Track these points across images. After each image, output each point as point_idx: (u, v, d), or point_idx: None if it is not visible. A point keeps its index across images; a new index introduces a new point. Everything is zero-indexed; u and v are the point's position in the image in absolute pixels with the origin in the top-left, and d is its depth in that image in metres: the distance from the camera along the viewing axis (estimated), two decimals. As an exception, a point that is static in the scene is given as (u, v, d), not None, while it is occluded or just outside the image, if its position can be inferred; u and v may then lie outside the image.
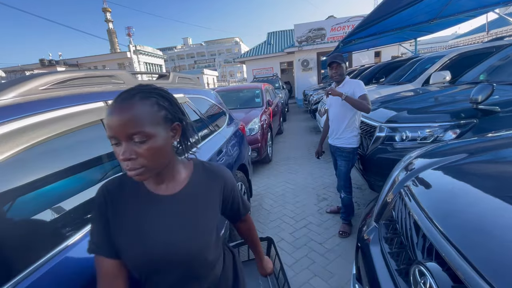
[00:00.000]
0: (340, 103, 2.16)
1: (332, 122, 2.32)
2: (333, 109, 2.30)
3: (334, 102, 2.25)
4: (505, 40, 4.04)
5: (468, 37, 17.15)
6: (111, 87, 1.25)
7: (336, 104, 2.24)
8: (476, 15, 7.20)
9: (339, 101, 2.15)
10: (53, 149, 0.87)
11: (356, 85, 2.09)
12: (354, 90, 2.05)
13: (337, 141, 2.28)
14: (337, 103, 2.21)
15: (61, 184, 0.87)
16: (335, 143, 2.30)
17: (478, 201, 0.73)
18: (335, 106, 2.25)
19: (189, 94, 2.02)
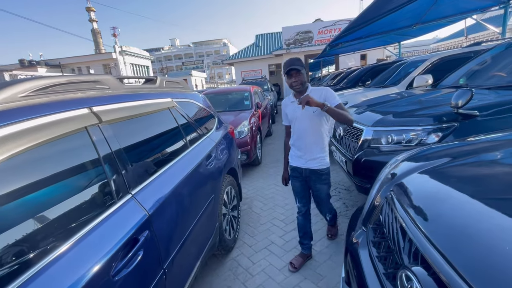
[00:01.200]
0: (311, 116, 1.76)
1: (301, 140, 1.85)
2: (301, 124, 1.82)
3: (302, 115, 1.78)
4: (483, 45, 4.23)
5: (448, 41, 17.91)
6: (95, 93, 1.22)
7: (304, 117, 1.79)
8: (455, 20, 7.53)
9: (310, 114, 1.75)
10: (34, 159, 0.83)
11: (326, 93, 1.76)
12: (327, 99, 1.72)
13: (312, 164, 1.85)
14: (306, 116, 1.77)
15: (43, 195, 0.83)
16: (310, 166, 1.86)
17: (462, 205, 0.75)
18: (304, 119, 1.79)
19: (177, 98, 1.99)
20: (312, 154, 1.84)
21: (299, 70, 1.71)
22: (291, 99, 1.88)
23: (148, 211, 1.14)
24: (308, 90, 1.81)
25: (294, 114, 1.84)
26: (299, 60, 1.75)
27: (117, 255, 0.91)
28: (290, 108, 1.88)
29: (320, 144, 1.83)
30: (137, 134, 1.41)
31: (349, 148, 2.48)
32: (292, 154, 1.97)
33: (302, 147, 1.86)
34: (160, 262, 1.15)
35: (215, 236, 1.96)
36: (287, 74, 1.74)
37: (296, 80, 1.74)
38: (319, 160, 1.85)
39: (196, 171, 1.71)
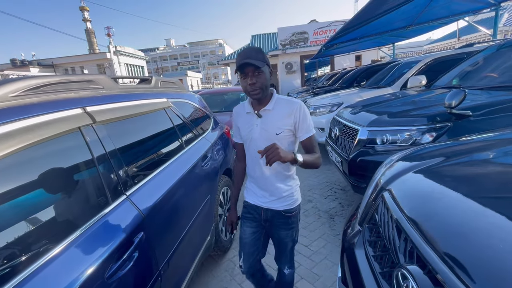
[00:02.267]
0: (273, 140, 1.15)
1: (259, 171, 1.27)
2: (259, 147, 1.15)
3: (261, 137, 1.21)
4: (475, 46, 4.31)
5: (441, 43, 18.19)
6: (89, 93, 1.20)
7: (264, 141, 1.19)
8: (448, 22, 7.66)
9: (271, 136, 1.19)
10: (25, 160, 0.81)
11: (299, 113, 1.18)
12: (298, 123, 1.19)
13: (277, 204, 1.29)
14: (266, 138, 1.19)
15: (36, 196, 0.82)
16: (274, 207, 1.29)
17: (456, 203, 0.76)
18: (264, 144, 1.12)
19: (172, 98, 1.98)
20: (276, 190, 1.27)
21: (258, 68, 1.09)
22: (246, 107, 1.27)
23: (143, 212, 1.13)
24: (272, 100, 1.21)
25: (249, 133, 1.25)
26: (259, 52, 1.14)
27: (112, 257, 0.90)
28: (243, 121, 1.28)
29: (287, 172, 1.27)
30: (132, 134, 1.39)
31: (344, 148, 2.49)
32: (249, 187, 1.38)
33: (261, 181, 1.28)
34: (156, 263, 1.14)
35: (211, 237, 1.95)
36: (240, 71, 1.12)
37: (254, 83, 1.11)
38: (287, 198, 1.28)
39: (191, 172, 1.70)
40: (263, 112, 1.22)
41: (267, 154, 1.03)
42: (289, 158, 1.08)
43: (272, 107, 1.21)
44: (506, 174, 0.87)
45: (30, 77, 0.97)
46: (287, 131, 1.20)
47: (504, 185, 0.80)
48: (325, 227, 2.57)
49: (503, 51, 2.90)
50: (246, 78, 1.13)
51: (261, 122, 1.22)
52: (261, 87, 1.14)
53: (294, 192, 1.32)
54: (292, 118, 1.19)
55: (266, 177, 1.27)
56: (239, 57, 1.12)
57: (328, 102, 4.75)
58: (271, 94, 1.24)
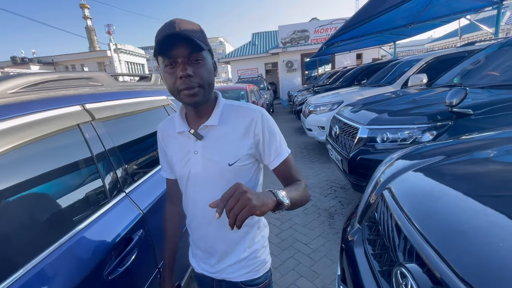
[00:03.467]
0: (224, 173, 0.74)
1: (203, 225, 0.80)
2: (201, 192, 0.77)
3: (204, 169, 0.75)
4: (476, 45, 4.28)
5: (443, 41, 18.12)
6: (88, 90, 1.20)
7: (211, 176, 0.75)
8: (449, 20, 7.62)
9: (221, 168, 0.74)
10: (24, 158, 0.81)
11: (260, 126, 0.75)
12: (263, 145, 0.76)
13: (232, 272, 0.82)
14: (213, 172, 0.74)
15: (35, 193, 0.81)
16: (228, 277, 0.83)
17: (456, 202, 0.76)
18: (209, 182, 0.75)
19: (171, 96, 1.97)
20: (230, 251, 0.81)
21: (197, 50, 0.66)
22: (176, 124, 0.79)
23: (142, 209, 1.13)
24: (217, 109, 0.76)
25: (184, 166, 0.78)
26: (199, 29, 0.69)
27: (111, 254, 0.90)
28: (174, 146, 0.81)
29: (249, 224, 0.82)
30: (131, 132, 1.39)
31: (344, 147, 2.49)
32: (191, 246, 0.93)
33: (205, 238, 0.82)
34: (155, 261, 1.14)
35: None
36: (164, 55, 0.66)
37: (190, 75, 0.65)
38: (248, 262, 0.82)
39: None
40: (204, 130, 0.75)
41: (230, 207, 0.53)
42: (269, 205, 0.58)
43: (217, 121, 0.74)
44: (507, 172, 0.87)
45: (29, 74, 0.97)
46: (247, 158, 0.75)
47: (504, 184, 0.80)
48: (324, 225, 2.57)
49: (504, 49, 2.89)
50: (175, 68, 0.66)
51: (202, 147, 0.75)
52: (201, 84, 0.68)
53: (259, 251, 0.83)
54: (252, 136, 0.74)
55: (213, 232, 0.79)
56: (162, 29, 0.65)
57: (329, 101, 4.74)
58: (215, 100, 0.78)
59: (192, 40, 0.62)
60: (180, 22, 0.65)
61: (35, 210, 0.80)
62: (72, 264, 0.78)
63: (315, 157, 4.84)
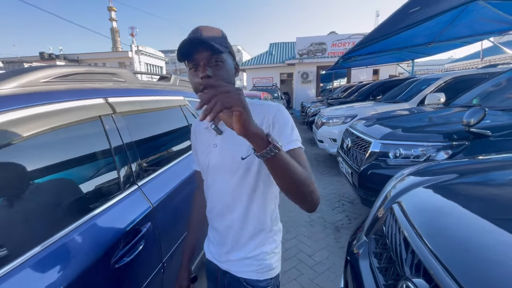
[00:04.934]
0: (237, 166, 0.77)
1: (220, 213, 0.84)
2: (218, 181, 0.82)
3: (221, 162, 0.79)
4: (498, 67, 4.19)
5: (463, 62, 17.74)
6: (111, 85, 1.26)
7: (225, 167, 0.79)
8: (471, 41, 7.47)
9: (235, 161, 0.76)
10: (49, 143, 0.86)
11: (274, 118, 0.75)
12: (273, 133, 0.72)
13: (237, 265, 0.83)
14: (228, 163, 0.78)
15: (53, 177, 0.86)
16: (232, 270, 0.84)
17: (466, 220, 0.74)
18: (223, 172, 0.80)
19: (189, 97, 2.03)
20: (241, 244, 0.82)
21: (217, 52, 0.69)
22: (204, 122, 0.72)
23: (152, 203, 1.15)
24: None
25: (205, 158, 0.84)
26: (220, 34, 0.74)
27: (119, 243, 0.92)
28: (201, 140, 0.88)
29: (261, 222, 0.82)
30: (148, 128, 1.44)
31: (356, 160, 2.46)
32: (208, 232, 0.95)
33: (221, 227, 0.85)
34: (160, 255, 1.16)
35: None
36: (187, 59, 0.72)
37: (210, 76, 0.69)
38: (255, 260, 0.82)
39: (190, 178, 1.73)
40: (223, 125, 0.75)
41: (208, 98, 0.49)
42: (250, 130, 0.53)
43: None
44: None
45: (60, 65, 1.04)
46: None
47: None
48: (330, 238, 2.53)
49: (528, 73, 2.81)
50: (197, 71, 0.70)
51: (221, 140, 0.79)
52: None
53: (267, 254, 0.82)
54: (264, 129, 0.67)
55: (228, 224, 0.81)
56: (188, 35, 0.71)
57: (342, 114, 4.72)
58: None
59: (212, 44, 0.67)
60: (203, 29, 0.72)
61: (52, 193, 0.84)
62: (83, 248, 0.81)
63: (325, 169, 4.80)
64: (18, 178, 0.76)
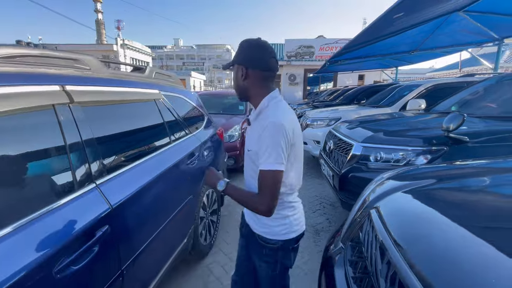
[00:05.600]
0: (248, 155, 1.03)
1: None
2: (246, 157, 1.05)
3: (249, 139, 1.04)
4: (476, 77, 4.35)
5: (443, 72, 18.54)
6: (72, 72, 1.14)
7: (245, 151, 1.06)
8: (451, 52, 7.81)
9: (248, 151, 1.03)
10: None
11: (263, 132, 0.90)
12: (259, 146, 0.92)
13: (252, 222, 1.07)
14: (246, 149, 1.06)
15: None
16: (250, 224, 1.09)
17: (445, 229, 0.70)
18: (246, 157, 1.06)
19: (166, 91, 1.92)
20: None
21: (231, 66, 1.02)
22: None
23: (112, 204, 1.04)
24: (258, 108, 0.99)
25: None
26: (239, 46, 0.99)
27: (65, 249, 0.81)
28: None
29: None
30: (114, 121, 1.32)
31: (337, 162, 2.43)
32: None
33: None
34: (119, 261, 1.05)
35: (189, 239, 1.85)
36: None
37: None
38: (263, 223, 1.02)
39: (174, 169, 1.62)
40: (251, 120, 1.03)
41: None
42: (212, 185, 1.05)
43: (254, 117, 1.00)
44: (497, 202, 0.81)
45: (6, 45, 0.91)
46: (255, 152, 0.96)
47: (496, 213, 0.74)
48: (309, 241, 2.48)
49: (502, 83, 2.91)
50: None
51: (247, 131, 1.03)
52: (235, 88, 1.05)
53: (272, 224, 1.00)
54: (259, 136, 0.92)
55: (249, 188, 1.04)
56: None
57: (327, 116, 4.73)
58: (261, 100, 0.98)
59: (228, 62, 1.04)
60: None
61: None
62: (16, 254, 0.70)
63: (307, 171, 4.78)
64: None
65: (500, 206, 0.81)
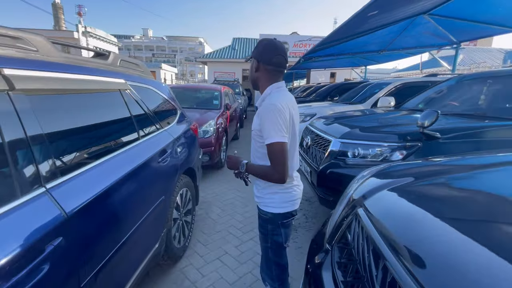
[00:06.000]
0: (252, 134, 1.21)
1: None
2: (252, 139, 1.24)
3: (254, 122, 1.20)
4: (438, 77, 4.65)
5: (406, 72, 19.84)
6: (13, 53, 0.94)
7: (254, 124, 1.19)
8: (415, 53, 8.35)
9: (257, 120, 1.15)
10: None
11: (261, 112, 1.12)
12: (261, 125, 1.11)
13: (255, 191, 1.29)
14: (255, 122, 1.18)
15: None
16: (254, 192, 1.30)
17: (442, 232, 0.66)
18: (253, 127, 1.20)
19: (133, 81, 1.73)
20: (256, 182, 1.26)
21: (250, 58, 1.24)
22: None
23: (67, 212, 0.88)
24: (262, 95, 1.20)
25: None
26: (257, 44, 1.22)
27: (2, 273, 0.65)
28: None
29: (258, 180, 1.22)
30: (69, 114, 1.13)
31: (315, 159, 2.42)
32: None
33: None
34: (77, 279, 0.89)
35: (161, 244, 1.70)
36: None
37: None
38: (259, 195, 1.25)
39: (143, 168, 1.46)
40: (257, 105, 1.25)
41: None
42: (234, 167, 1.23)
43: (259, 103, 1.20)
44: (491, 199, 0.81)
45: None
46: (257, 131, 1.16)
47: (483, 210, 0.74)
48: (287, 238, 2.45)
49: (462, 83, 3.12)
50: None
51: (254, 116, 1.21)
52: (249, 78, 1.28)
53: (265, 196, 1.23)
54: (259, 117, 1.12)
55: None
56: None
57: (302, 112, 4.74)
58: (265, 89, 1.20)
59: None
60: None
61: None
62: None
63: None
64: None
65: (487, 202, 0.80)
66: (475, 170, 1.02)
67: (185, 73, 46.41)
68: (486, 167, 1.02)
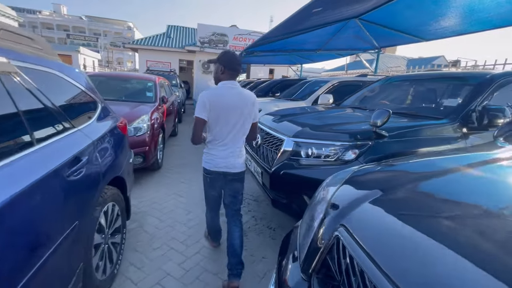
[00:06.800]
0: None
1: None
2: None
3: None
4: (368, 77, 5.12)
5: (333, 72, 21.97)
6: None
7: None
8: (344, 54, 9.17)
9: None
10: None
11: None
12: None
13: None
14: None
15: None
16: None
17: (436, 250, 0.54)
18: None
19: (23, 61, 1.21)
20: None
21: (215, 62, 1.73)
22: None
23: None
24: None
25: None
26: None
27: None
28: None
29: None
30: None
31: (266, 159, 2.26)
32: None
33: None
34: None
35: (77, 282, 1.27)
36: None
37: None
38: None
39: (43, 186, 1.02)
40: None
41: None
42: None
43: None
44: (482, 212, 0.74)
45: None
46: None
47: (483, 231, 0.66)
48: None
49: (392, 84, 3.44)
50: None
51: None
52: (214, 76, 1.78)
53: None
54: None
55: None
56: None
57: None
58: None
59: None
60: None
61: None
62: None
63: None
64: None
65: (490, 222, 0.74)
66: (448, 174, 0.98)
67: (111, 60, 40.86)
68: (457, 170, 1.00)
